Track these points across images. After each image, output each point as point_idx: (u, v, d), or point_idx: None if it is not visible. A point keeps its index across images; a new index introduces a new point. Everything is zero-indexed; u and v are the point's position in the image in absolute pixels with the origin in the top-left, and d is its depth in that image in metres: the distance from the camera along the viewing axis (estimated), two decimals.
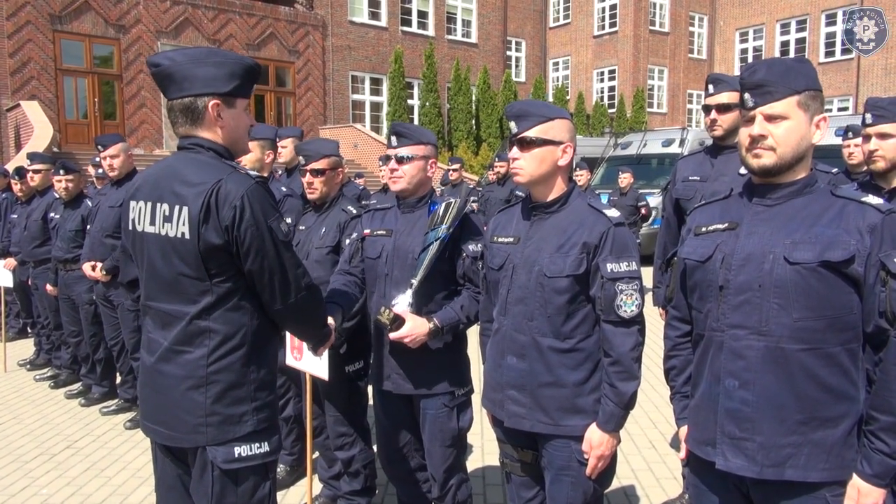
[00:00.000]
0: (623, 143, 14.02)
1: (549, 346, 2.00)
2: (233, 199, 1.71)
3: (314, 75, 19.67)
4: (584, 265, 1.96)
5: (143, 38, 16.59)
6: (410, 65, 20.61)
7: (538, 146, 2.00)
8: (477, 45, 23.41)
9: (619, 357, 1.94)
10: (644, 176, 11.78)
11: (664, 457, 3.82)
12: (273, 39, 18.76)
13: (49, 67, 15.43)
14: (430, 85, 19.86)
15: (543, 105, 2.06)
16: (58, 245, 4.80)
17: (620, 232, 1.97)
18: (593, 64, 26.29)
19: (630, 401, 1.96)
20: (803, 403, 1.56)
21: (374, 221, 2.66)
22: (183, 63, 1.78)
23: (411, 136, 2.47)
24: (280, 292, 1.81)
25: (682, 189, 3.10)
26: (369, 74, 20.91)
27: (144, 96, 16.71)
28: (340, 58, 20.13)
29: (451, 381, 2.50)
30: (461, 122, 20.41)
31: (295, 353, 2.95)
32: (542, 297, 1.99)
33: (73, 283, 4.76)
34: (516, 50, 25.74)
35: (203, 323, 1.77)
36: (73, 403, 4.89)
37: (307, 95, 19.63)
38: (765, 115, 1.62)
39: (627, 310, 1.93)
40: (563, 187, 2.07)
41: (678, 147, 12.37)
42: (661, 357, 2.03)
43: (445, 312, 2.41)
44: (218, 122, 1.82)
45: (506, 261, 2.10)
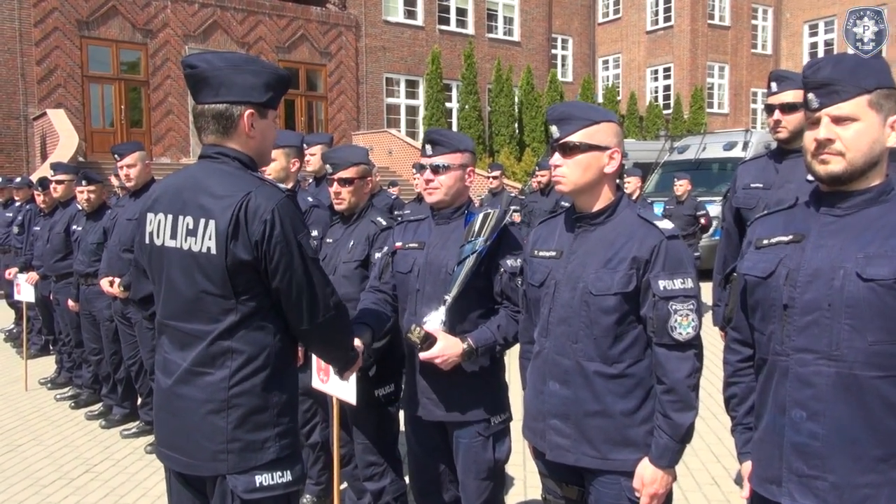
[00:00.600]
0: (680, 147, 13.85)
1: (596, 371, 1.96)
2: (262, 212, 1.73)
3: (347, 78, 19.98)
4: (633, 282, 1.92)
5: (171, 42, 17.12)
6: (449, 66, 20.76)
7: (582, 152, 1.97)
8: (520, 44, 23.45)
9: (674, 384, 1.89)
10: (703, 183, 11.58)
11: (728, 495, 3.70)
12: (304, 41, 19.14)
13: (76, 74, 16.04)
14: (470, 87, 19.96)
15: (588, 107, 2.04)
16: (79, 258, 4.95)
17: (674, 245, 1.93)
18: (647, 61, 26.07)
19: (686, 433, 1.91)
20: (881, 437, 1.49)
21: (407, 234, 2.66)
22: (221, 68, 1.82)
23: (447, 144, 2.46)
24: (308, 311, 1.82)
25: (744, 197, 3.04)
26: (405, 76, 21.13)
27: (171, 103, 17.21)
28: (374, 59, 20.40)
29: (487, 407, 2.47)
30: (503, 126, 20.44)
31: (321, 375, 2.96)
32: (588, 316, 1.96)
33: (94, 298, 4.89)
34: (562, 48, 25.71)
35: (225, 343, 1.78)
36: (93, 425, 5.01)
37: (339, 99, 19.94)
38: (831, 117, 1.56)
39: (683, 332, 1.88)
40: (611, 196, 2.04)
41: (741, 151, 12.15)
42: (719, 381, 1.97)
43: (481, 332, 2.39)
44: (250, 133, 1.86)
45: (547, 277, 2.07)
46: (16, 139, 15.48)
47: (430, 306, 2.44)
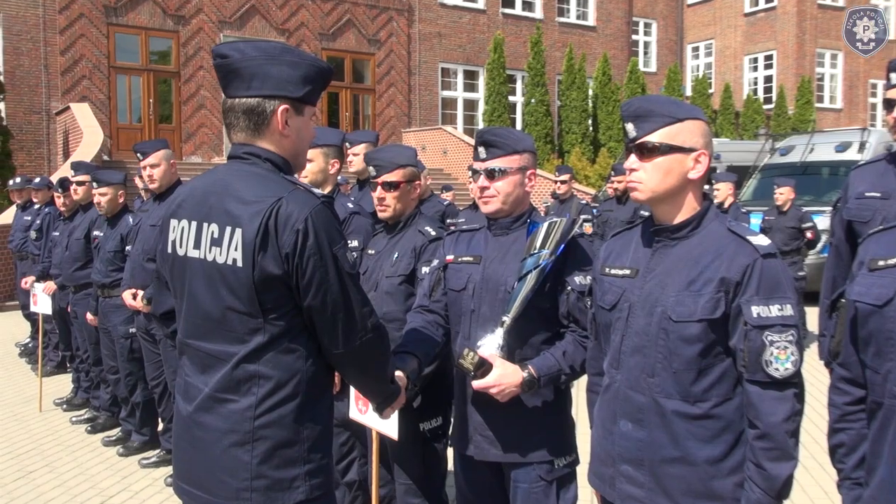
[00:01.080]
0: (783, 148, 13.59)
1: (675, 410, 1.93)
2: (295, 221, 1.74)
3: (398, 68, 20.25)
4: (721, 307, 1.88)
5: (205, 29, 17.69)
6: (513, 54, 20.82)
7: (662, 154, 1.95)
8: (595, 29, 23.36)
9: (769, 429, 1.83)
10: (810, 190, 11.31)
11: None
12: (350, 28, 19.51)
13: (102, 65, 16.74)
14: (537, 78, 19.96)
15: (670, 101, 2.02)
16: (97, 268, 5.14)
17: (771, 265, 1.88)
18: (744, 48, 25.62)
19: (783, 487, 1.85)
20: None
21: (459, 245, 2.67)
22: (255, 58, 1.85)
23: (503, 146, 2.47)
24: (343, 333, 1.83)
25: (857, 208, 2.98)
26: (463, 66, 21.29)
27: (204, 96, 17.76)
28: (429, 47, 20.62)
29: (551, 447, 2.46)
30: (574, 123, 20.36)
31: (360, 405, 2.99)
32: (667, 346, 1.93)
33: (111, 311, 5.06)
34: (645, 33, 25.49)
35: (252, 367, 1.80)
36: (110, 452, 5.17)
37: (389, 92, 20.21)
38: None
39: (780, 367, 1.83)
40: (696, 206, 2.01)
41: (857, 153, 11.87)
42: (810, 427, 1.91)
43: (543, 359, 2.38)
44: (284, 131, 1.89)
45: (620, 299, 2.05)
46: (37, 136, 16.23)
47: (486, 329, 2.44)
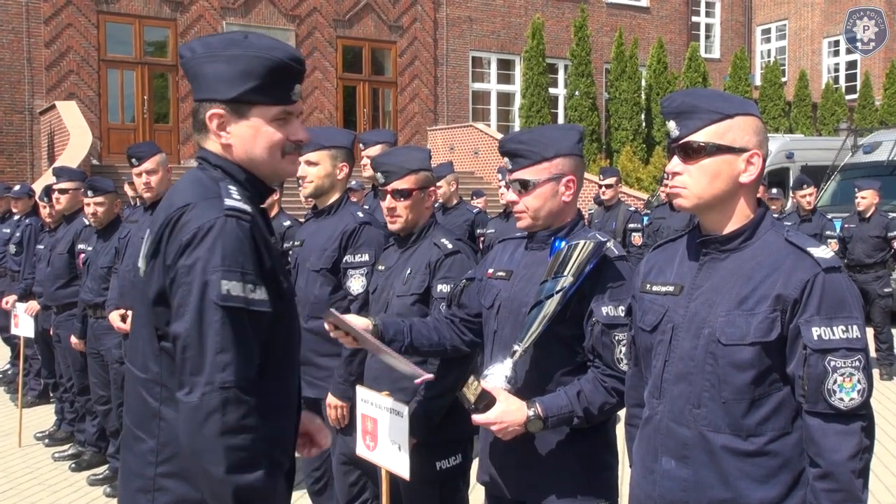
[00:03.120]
0: (867, 145, 13.45)
1: (725, 445, 1.94)
2: (185, 231, 1.76)
3: (422, 58, 20.40)
4: (777, 328, 1.89)
5: (206, 16, 18.02)
6: (554, 40, 20.90)
7: (709, 155, 1.97)
8: (649, 10, 23.37)
9: (832, 468, 1.84)
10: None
11: None
12: (369, 13, 19.72)
13: (91, 58, 17.11)
14: (582, 67, 20.00)
15: (718, 96, 2.04)
16: (88, 286, 5.25)
17: (834, 280, 1.89)
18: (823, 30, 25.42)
19: None
20: None
21: (502, 257, 2.72)
22: (199, 56, 1.91)
23: (529, 154, 2.49)
24: (188, 375, 1.70)
25: None
26: (497, 55, 21.40)
27: None
28: (458, 34, 20.76)
29: (579, 489, 2.47)
30: (625, 119, 20.35)
31: (368, 441, 3.03)
32: (715, 373, 1.95)
33: (104, 334, 5.16)
34: (707, 15, 25.43)
35: (153, 402, 1.80)
36: (97, 492, 5.26)
37: (413, 85, 20.37)
38: None
39: (845, 397, 1.84)
40: (749, 214, 2.03)
41: None
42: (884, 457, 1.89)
43: (555, 398, 2.39)
44: (221, 138, 1.91)
45: (662, 319, 2.07)
46: (19, 138, 16.61)
47: (505, 353, 2.47)
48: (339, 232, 3.61)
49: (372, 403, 2.97)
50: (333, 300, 3.63)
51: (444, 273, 3.02)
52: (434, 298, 3.02)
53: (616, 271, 2.47)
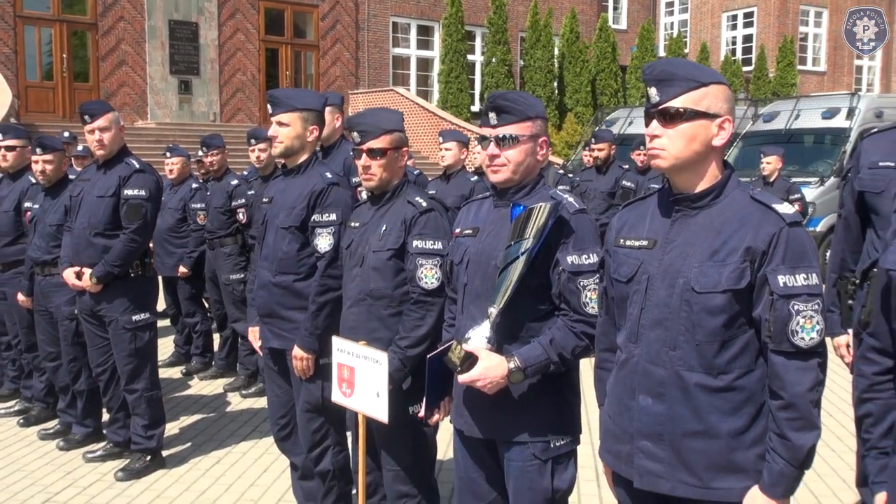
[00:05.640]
0: (766, 115, 13.83)
1: (698, 383, 2.06)
2: None
3: (344, 22, 20.10)
4: (746, 277, 2.01)
5: None
6: (472, 8, 20.84)
7: (687, 120, 2.06)
8: None
9: (794, 399, 1.98)
10: (796, 159, 11.59)
11: None
12: None
13: (6, 14, 16.26)
14: (499, 35, 20.06)
15: (694, 66, 2.13)
16: (35, 244, 5.10)
17: (797, 234, 2.01)
18: (722, 5, 26.03)
19: (807, 457, 2.01)
20: None
21: (468, 217, 2.78)
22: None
23: (516, 111, 2.55)
24: None
25: (870, 178, 3.11)
26: (416, 21, 21.23)
27: (125, 51, 17.38)
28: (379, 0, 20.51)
29: (547, 426, 2.57)
30: (539, 86, 20.52)
31: (344, 388, 3.10)
32: (689, 318, 2.05)
33: (53, 291, 5.03)
34: None
35: None
36: (49, 445, 5.17)
37: (334, 49, 20.08)
38: None
39: (806, 337, 1.97)
40: (718, 174, 2.12)
41: (845, 120, 12.14)
42: (834, 401, 2.07)
43: (530, 349, 2.49)
44: None
45: (637, 271, 2.17)
46: None
47: (478, 303, 2.57)
48: (308, 191, 3.60)
49: (349, 353, 3.03)
50: (301, 257, 3.65)
51: (419, 230, 3.07)
52: (409, 253, 3.08)
53: (576, 224, 2.54)
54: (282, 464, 4.63)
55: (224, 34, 18.57)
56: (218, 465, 4.90)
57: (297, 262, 3.65)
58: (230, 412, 5.96)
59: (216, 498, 4.41)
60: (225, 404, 6.16)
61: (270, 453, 4.91)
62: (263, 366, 3.99)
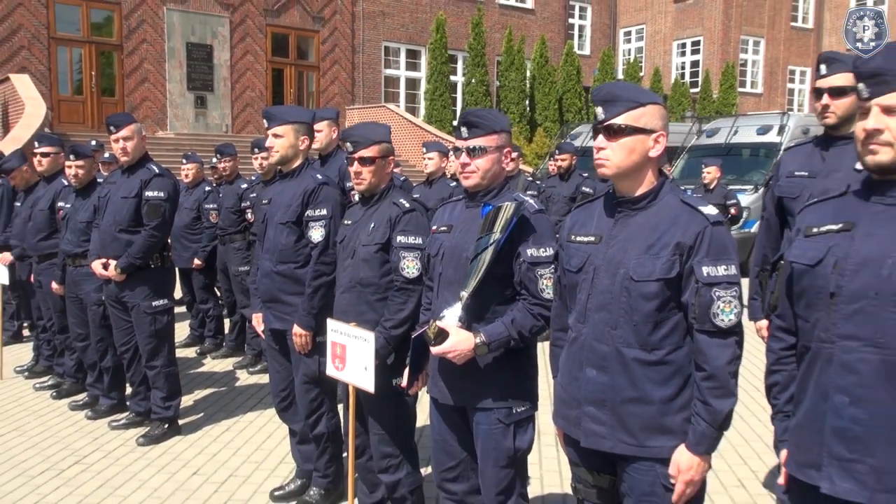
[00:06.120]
0: (709, 130, 13.98)
1: (635, 357, 2.13)
2: None
3: (341, 46, 20.08)
4: (676, 268, 2.08)
5: (148, 2, 17.21)
6: (454, 35, 20.86)
7: (627, 135, 2.13)
8: (534, 12, 23.54)
9: (714, 371, 2.06)
10: (733, 170, 11.73)
11: (756, 497, 3.91)
12: (295, 4, 19.22)
13: (41, 36, 16.13)
14: (478, 59, 20.09)
15: (635, 89, 2.20)
16: (67, 238, 5.11)
17: (719, 232, 2.09)
18: (673, 34, 26.18)
19: (725, 420, 2.09)
20: None
21: (443, 215, 2.85)
22: None
23: (483, 126, 2.62)
24: None
25: (787, 186, 3.18)
26: (406, 46, 21.23)
27: (147, 70, 17.30)
28: (372, 26, 20.49)
29: (509, 395, 2.64)
30: (513, 103, 20.58)
31: (336, 363, 3.15)
32: (628, 303, 2.12)
33: (82, 280, 5.05)
34: (580, 17, 25.79)
35: None
36: (78, 415, 5.19)
37: (333, 70, 20.05)
38: (882, 107, 1.73)
39: (725, 318, 2.05)
40: (654, 181, 2.20)
41: (776, 135, 12.29)
42: (752, 380, 2.15)
43: (494, 327, 2.56)
44: None
45: (586, 262, 2.23)
46: None
47: (451, 290, 2.63)
48: (302, 191, 3.65)
49: (341, 333, 3.08)
50: (297, 248, 3.70)
51: (403, 227, 3.13)
52: (393, 247, 3.14)
53: (535, 222, 2.61)
54: (282, 431, 4.68)
55: (235, 56, 18.51)
56: (227, 431, 4.94)
57: (295, 253, 3.70)
58: (238, 387, 6.00)
59: (226, 460, 4.46)
60: (234, 380, 6.19)
61: (273, 422, 4.96)
62: (266, 346, 4.03)
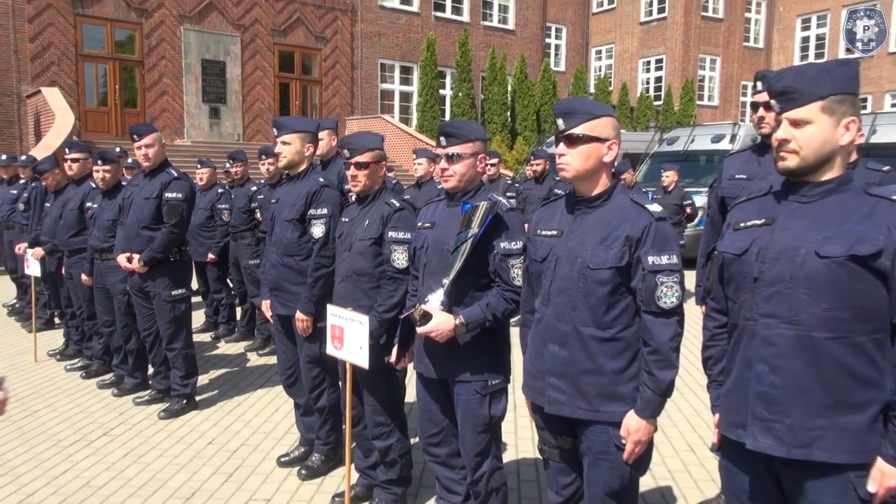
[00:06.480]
0: (669, 139, 14.09)
1: (591, 335, 2.23)
2: None
3: (342, 63, 20.09)
4: (626, 258, 2.18)
5: (166, 22, 17.16)
6: (443, 53, 20.90)
7: (584, 143, 2.23)
8: (514, 32, 23.60)
9: (658, 346, 2.16)
10: (690, 174, 11.84)
11: (702, 460, 4.02)
12: (300, 25, 19.22)
13: (70, 53, 16.07)
14: (464, 74, 20.13)
15: (591, 103, 2.30)
16: (95, 235, 5.17)
17: (662, 226, 2.20)
18: (639, 53, 26.31)
19: (668, 388, 2.19)
20: (830, 389, 1.78)
21: (427, 214, 2.94)
22: None
23: (458, 135, 2.71)
24: None
25: (728, 187, 3.29)
26: (399, 62, 21.26)
27: (166, 84, 17.27)
28: (370, 45, 20.51)
29: (485, 368, 2.73)
30: (496, 114, 20.65)
31: (335, 343, 3.23)
32: (585, 287, 2.22)
33: (109, 272, 5.11)
34: (556, 37, 25.87)
35: None
36: (105, 393, 5.25)
37: (334, 84, 20.06)
38: (790, 120, 1.85)
39: (667, 301, 2.15)
40: (607, 183, 2.30)
41: (728, 143, 12.41)
42: (699, 360, 2.25)
43: (472, 310, 2.65)
44: None
45: (549, 253, 2.33)
46: (8, 117, 15.51)
47: (434, 279, 2.72)
48: (305, 192, 3.71)
49: (340, 316, 3.16)
50: (301, 243, 3.77)
51: (394, 224, 3.20)
52: (385, 241, 3.21)
53: (508, 219, 2.69)
54: (288, 405, 4.76)
55: (246, 71, 18.50)
56: (239, 406, 5.01)
57: (298, 247, 3.77)
58: (248, 367, 6.07)
59: (238, 431, 4.53)
60: (244, 361, 6.26)
61: (280, 397, 5.04)
62: (274, 330, 4.10)
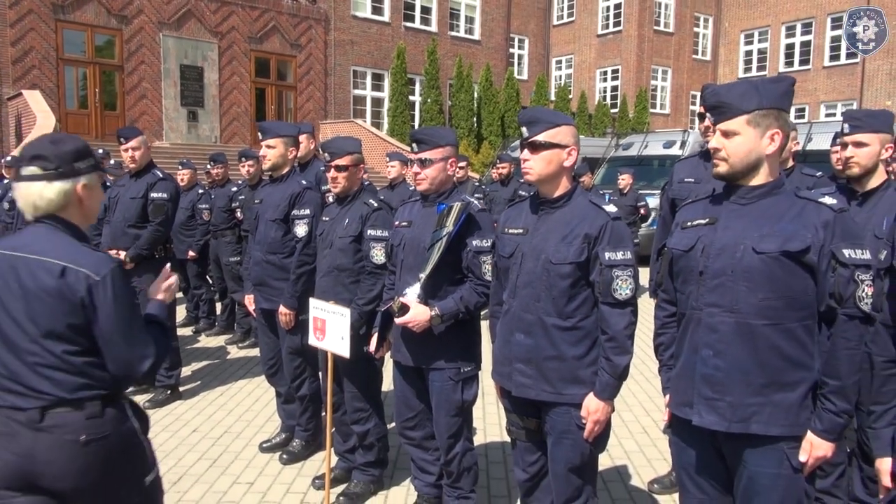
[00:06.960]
0: (624, 144, 14.32)
1: (553, 324, 2.32)
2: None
3: (316, 69, 19.97)
4: (585, 253, 2.28)
5: (146, 28, 16.87)
6: (413, 61, 20.90)
7: (546, 149, 2.32)
8: (480, 42, 23.70)
9: (615, 334, 2.26)
10: (644, 177, 12.05)
11: (655, 441, 4.16)
12: (275, 33, 19.05)
13: (51, 57, 15.71)
14: (433, 81, 20.16)
15: (551, 112, 2.40)
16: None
17: (617, 225, 2.30)
18: (597, 63, 26.61)
19: (623, 372, 2.29)
20: (766, 370, 1.90)
21: (404, 213, 3.00)
22: None
23: (429, 141, 2.78)
24: None
25: (678, 190, 3.40)
26: (371, 70, 21.20)
27: (145, 88, 16.97)
28: (342, 52, 20.42)
29: (458, 356, 2.81)
30: (462, 120, 20.71)
31: (318, 335, 3.27)
32: (548, 281, 2.31)
33: None
34: (519, 47, 26.03)
35: None
36: None
37: (308, 90, 19.93)
38: (721, 131, 1.97)
39: (622, 293, 2.25)
40: (568, 185, 2.39)
41: (679, 149, 12.67)
42: (652, 350, 2.35)
43: (446, 302, 2.72)
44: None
45: (515, 249, 2.42)
46: None
47: (411, 274, 2.78)
48: (289, 194, 3.73)
49: (322, 309, 3.18)
50: (284, 241, 3.79)
51: (372, 222, 3.25)
52: (364, 239, 3.26)
53: (479, 219, 2.77)
54: (268, 395, 4.77)
55: (223, 76, 18.28)
56: (221, 396, 5.01)
57: (282, 245, 3.79)
58: (229, 359, 6.06)
59: (220, 420, 4.54)
60: (225, 353, 6.25)
61: (260, 388, 5.06)
62: (257, 323, 4.10)
